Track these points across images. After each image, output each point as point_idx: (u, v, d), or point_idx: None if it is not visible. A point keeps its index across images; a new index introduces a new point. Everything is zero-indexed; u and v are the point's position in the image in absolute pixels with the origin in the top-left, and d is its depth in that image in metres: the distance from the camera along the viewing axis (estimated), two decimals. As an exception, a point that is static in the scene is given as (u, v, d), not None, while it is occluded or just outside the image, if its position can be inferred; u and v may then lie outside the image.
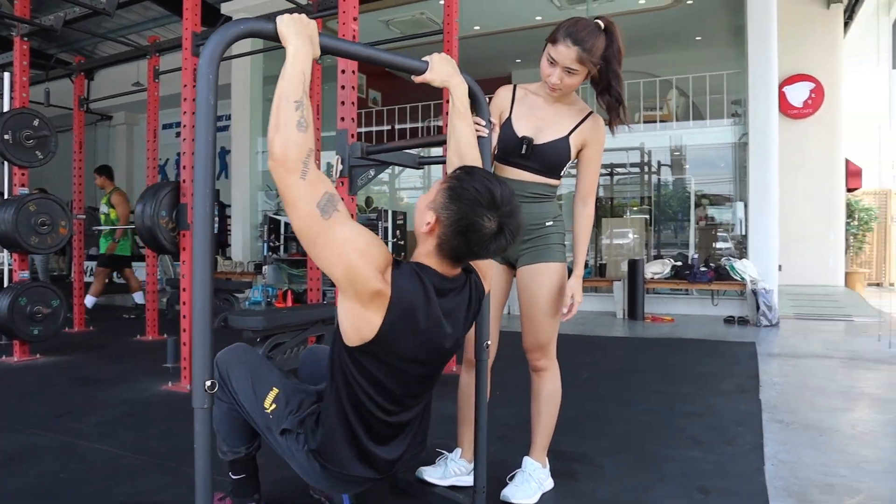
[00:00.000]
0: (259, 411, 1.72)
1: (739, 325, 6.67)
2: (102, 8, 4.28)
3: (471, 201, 1.47)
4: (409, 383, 1.59)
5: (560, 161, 2.14)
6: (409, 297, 1.47)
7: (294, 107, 1.35)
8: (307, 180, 1.35)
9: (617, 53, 2.02)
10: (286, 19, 1.43)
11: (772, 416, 3.15)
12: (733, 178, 8.98)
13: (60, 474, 2.37)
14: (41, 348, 4.79)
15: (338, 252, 1.38)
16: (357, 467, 1.62)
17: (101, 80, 11.90)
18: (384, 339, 1.47)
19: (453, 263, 1.55)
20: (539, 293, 2.14)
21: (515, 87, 2.21)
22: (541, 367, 2.21)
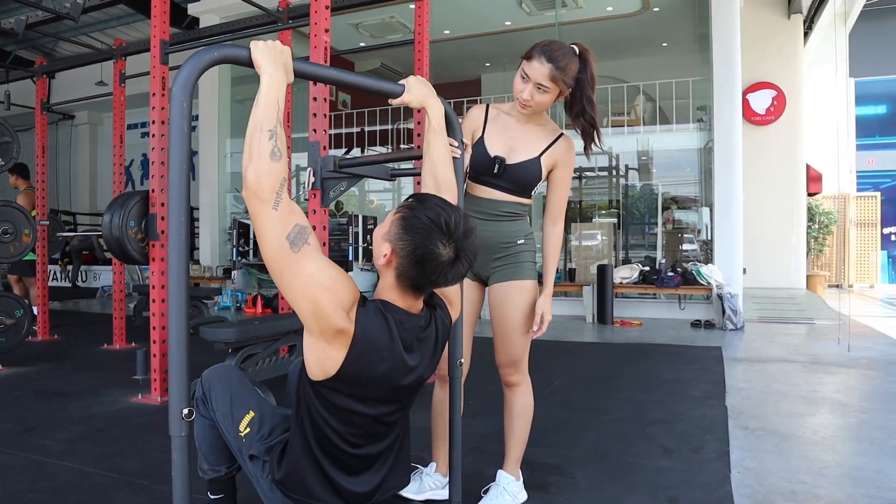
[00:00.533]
0: (234, 433, 1.72)
1: (706, 329, 6.81)
2: (67, 13, 4.20)
3: (424, 230, 1.48)
4: (374, 418, 1.59)
5: (531, 181, 2.17)
6: (373, 336, 1.47)
7: (268, 136, 1.35)
8: (279, 211, 1.35)
9: (590, 79, 2.07)
10: (261, 46, 1.43)
11: (737, 423, 3.23)
12: (699, 181, 9.17)
13: (28, 495, 2.32)
14: (5, 359, 4.65)
15: (302, 287, 1.39)
16: (327, 497, 1.60)
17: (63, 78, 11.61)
18: (346, 376, 1.48)
19: (415, 294, 1.56)
20: (511, 311, 2.17)
21: (488, 106, 2.24)
22: (513, 382, 2.24)
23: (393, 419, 1.65)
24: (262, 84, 1.41)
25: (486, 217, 2.16)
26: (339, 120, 10.78)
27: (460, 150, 1.99)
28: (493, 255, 2.18)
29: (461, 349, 1.99)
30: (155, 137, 3.65)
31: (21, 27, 4.38)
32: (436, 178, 1.84)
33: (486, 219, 2.16)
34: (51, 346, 5.66)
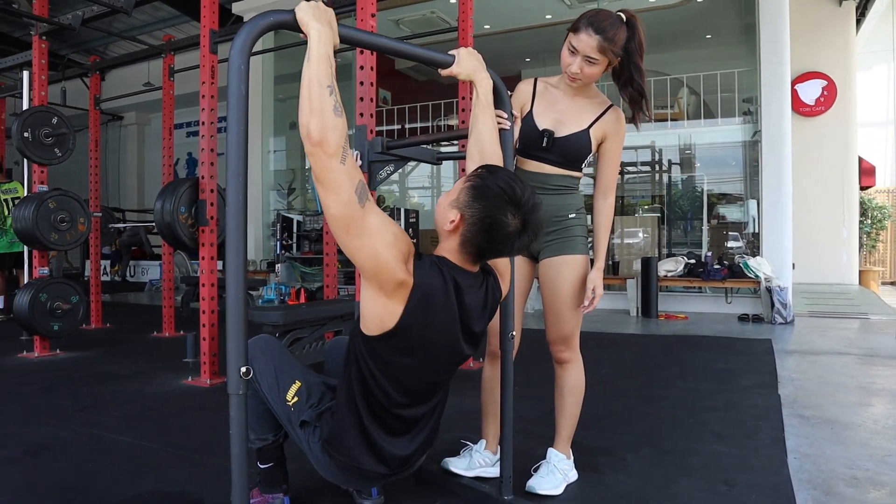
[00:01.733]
0: (281, 403, 1.74)
1: (754, 323, 6.64)
2: (121, 6, 4.31)
3: (495, 199, 1.50)
4: (424, 376, 1.60)
5: (581, 154, 2.15)
6: (430, 289, 1.49)
7: (328, 91, 1.34)
8: (346, 166, 1.35)
9: (638, 46, 2.02)
10: (304, 6, 1.42)
11: (792, 411, 3.14)
12: (744, 176, 8.96)
13: (88, 465, 2.39)
14: (61, 344, 4.82)
15: (367, 241, 1.40)
16: (367, 461, 1.63)
17: (112, 80, 11.97)
18: (404, 329, 1.49)
19: (475, 260, 1.58)
20: (562, 285, 2.14)
21: (536, 80, 2.21)
22: (564, 359, 2.21)
23: (441, 380, 1.66)
24: (310, 40, 1.38)
25: (536, 191, 2.14)
26: (380, 116, 10.82)
27: (510, 121, 1.97)
28: (545, 230, 2.14)
29: (513, 322, 1.98)
30: (205, 125, 3.72)
31: (78, 22, 4.51)
32: (482, 152, 1.83)
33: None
34: (103, 334, 5.84)
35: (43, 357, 4.60)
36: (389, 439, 1.64)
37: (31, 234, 4.35)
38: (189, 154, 14.23)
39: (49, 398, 3.44)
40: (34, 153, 4.53)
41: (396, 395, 1.58)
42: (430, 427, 1.73)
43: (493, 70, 1.92)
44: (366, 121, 3.14)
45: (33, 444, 2.62)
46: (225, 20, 10.04)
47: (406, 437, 1.67)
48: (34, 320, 4.44)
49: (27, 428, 2.87)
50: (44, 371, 4.16)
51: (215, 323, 3.69)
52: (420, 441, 1.70)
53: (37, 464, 2.41)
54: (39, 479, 2.25)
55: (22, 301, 4.41)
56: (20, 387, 3.72)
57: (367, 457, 1.62)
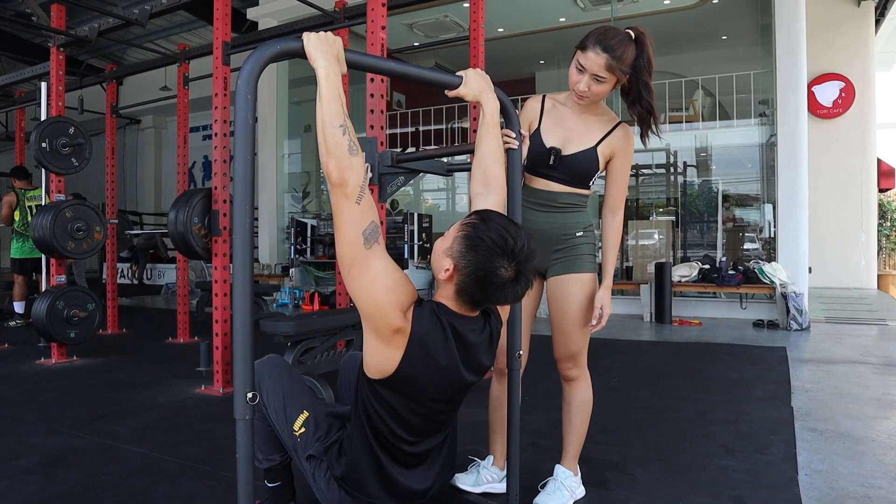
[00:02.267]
0: (288, 431, 1.76)
1: (769, 329, 6.58)
2: (135, 19, 4.37)
3: (487, 251, 1.49)
4: (428, 417, 1.62)
5: (588, 171, 2.14)
6: (428, 336, 1.51)
7: (341, 132, 1.39)
8: (360, 206, 1.40)
9: (647, 64, 2.02)
10: (313, 39, 1.45)
11: (805, 424, 3.11)
12: (761, 178, 8.87)
13: (101, 477, 2.43)
14: (78, 351, 4.90)
15: (368, 284, 1.44)
16: (382, 496, 1.64)
17: (130, 84, 12.11)
18: (403, 375, 1.52)
19: (472, 308, 1.59)
20: (570, 304, 2.14)
21: (544, 98, 2.22)
22: (572, 376, 2.21)
23: (445, 418, 1.68)
24: (319, 78, 1.44)
25: (544, 209, 2.15)
26: (394, 120, 10.88)
27: (518, 140, 1.98)
28: (552, 248, 2.15)
29: (520, 341, 1.98)
30: (217, 136, 3.76)
31: (94, 34, 4.58)
32: (485, 174, 1.84)
33: (544, 210, 2.15)
34: (119, 339, 5.91)
35: (60, 364, 4.67)
36: (404, 472, 1.65)
37: (49, 243, 4.42)
38: (205, 157, 14.35)
39: (65, 407, 3.50)
40: (51, 163, 4.60)
41: (402, 432, 1.61)
42: (444, 458, 1.74)
43: (506, 73, 1.93)
44: (376, 133, 3.16)
45: (49, 454, 2.67)
46: (240, 25, 10.13)
47: (420, 469, 1.69)
48: (51, 328, 4.51)
49: (43, 437, 2.92)
50: (60, 378, 4.23)
51: (228, 331, 3.73)
52: (435, 473, 1.72)
53: (51, 474, 2.45)
54: (53, 490, 2.29)
55: (39, 308, 4.48)
56: (37, 394, 3.78)
57: (382, 492, 1.64)
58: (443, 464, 1.74)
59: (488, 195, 1.80)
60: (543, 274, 2.22)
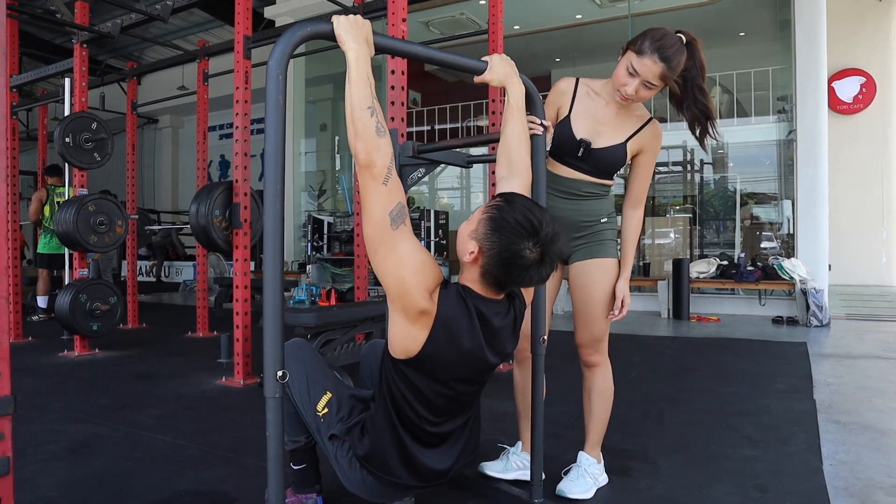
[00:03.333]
0: (311, 412, 1.78)
1: (788, 326, 6.53)
2: (158, 14, 4.41)
3: (512, 232, 1.49)
4: (452, 397, 1.63)
5: (615, 166, 2.13)
6: (454, 318, 1.52)
7: (368, 113, 1.40)
8: (388, 187, 1.41)
9: (700, 69, 1.99)
10: (343, 22, 1.46)
11: (828, 417, 3.09)
12: (779, 175, 8.80)
13: (126, 463, 2.46)
14: (100, 343, 4.96)
15: (394, 264, 1.44)
16: (403, 474, 1.65)
17: (147, 84, 12.25)
18: (428, 356, 1.52)
19: (497, 291, 1.59)
20: (594, 288, 2.14)
21: (578, 82, 2.16)
22: (593, 362, 2.21)
23: (468, 399, 1.69)
24: (349, 61, 1.44)
25: (567, 196, 2.15)
26: (410, 118, 10.91)
27: (542, 128, 1.98)
28: (574, 234, 2.15)
29: (543, 326, 1.98)
30: (238, 129, 3.79)
31: (117, 30, 4.63)
32: (509, 159, 1.84)
33: (567, 197, 2.15)
34: (140, 333, 5.97)
35: (83, 356, 4.72)
36: (426, 451, 1.66)
37: (72, 237, 4.48)
38: (222, 156, 14.46)
39: (89, 396, 3.54)
40: (75, 158, 4.66)
41: (425, 412, 1.61)
42: (466, 439, 1.74)
43: (522, 71, 1.93)
44: (397, 124, 3.17)
45: (75, 441, 2.71)
46: (257, 24, 10.21)
47: (441, 448, 1.69)
48: (74, 320, 4.57)
49: (69, 425, 2.96)
50: (84, 370, 4.28)
51: (248, 324, 3.76)
52: (457, 453, 1.72)
53: (79, 460, 2.48)
54: (81, 475, 2.32)
55: (63, 302, 4.54)
56: (62, 384, 3.83)
57: (404, 471, 1.65)
58: (465, 444, 1.74)
59: (512, 178, 1.79)
60: (565, 260, 2.21)
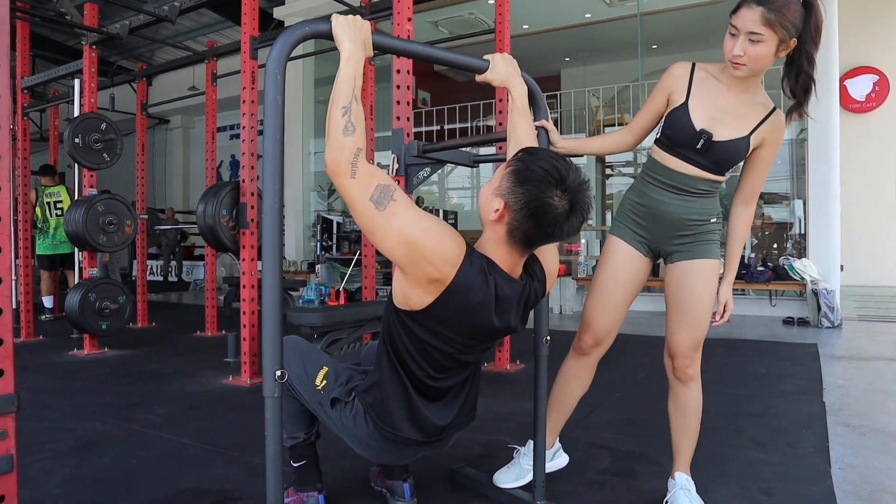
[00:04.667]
0: (311, 389, 1.78)
1: (799, 327, 6.47)
2: (165, 15, 4.43)
3: (538, 182, 1.44)
4: (452, 355, 1.60)
5: (735, 161, 1.91)
6: (469, 289, 1.47)
7: (341, 112, 1.40)
8: (357, 179, 1.40)
9: (815, 31, 1.76)
10: (341, 22, 1.47)
11: (837, 419, 3.05)
12: (790, 175, 8.72)
13: (131, 461, 2.47)
14: (109, 342, 4.99)
15: (396, 239, 1.41)
16: (406, 428, 1.64)
17: (158, 85, 12.33)
18: (430, 315, 1.50)
19: (523, 249, 1.53)
20: (702, 289, 1.96)
21: (695, 66, 1.95)
22: (690, 375, 2.04)
23: (469, 359, 1.67)
24: (341, 60, 1.45)
25: (676, 192, 1.95)
26: (419, 117, 10.91)
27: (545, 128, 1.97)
28: (678, 231, 1.97)
29: (546, 328, 1.97)
30: (245, 129, 3.80)
31: (125, 31, 4.65)
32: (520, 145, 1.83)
33: (676, 193, 1.95)
34: (149, 332, 6.01)
35: (92, 354, 4.76)
36: (427, 404, 1.65)
37: (81, 237, 4.51)
38: (232, 156, 14.53)
39: (97, 395, 3.56)
40: (84, 158, 4.69)
41: (426, 366, 1.60)
42: (465, 396, 1.73)
43: (531, 71, 1.91)
44: (402, 124, 3.17)
45: (82, 439, 2.73)
46: (266, 24, 10.24)
47: (441, 402, 1.69)
48: (84, 319, 4.60)
49: (76, 423, 2.98)
50: (93, 368, 4.31)
51: (255, 323, 3.77)
52: (455, 412, 1.71)
53: (84, 458, 2.50)
54: (86, 473, 2.34)
55: (72, 301, 4.57)
56: (70, 383, 3.86)
57: (407, 423, 1.64)
58: (464, 402, 1.73)
59: None
60: (657, 256, 2.07)
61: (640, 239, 2.04)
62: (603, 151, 2.24)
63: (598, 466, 2.42)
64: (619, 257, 2.06)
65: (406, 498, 2.00)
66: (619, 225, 2.09)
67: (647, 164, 2.02)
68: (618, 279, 2.06)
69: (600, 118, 9.83)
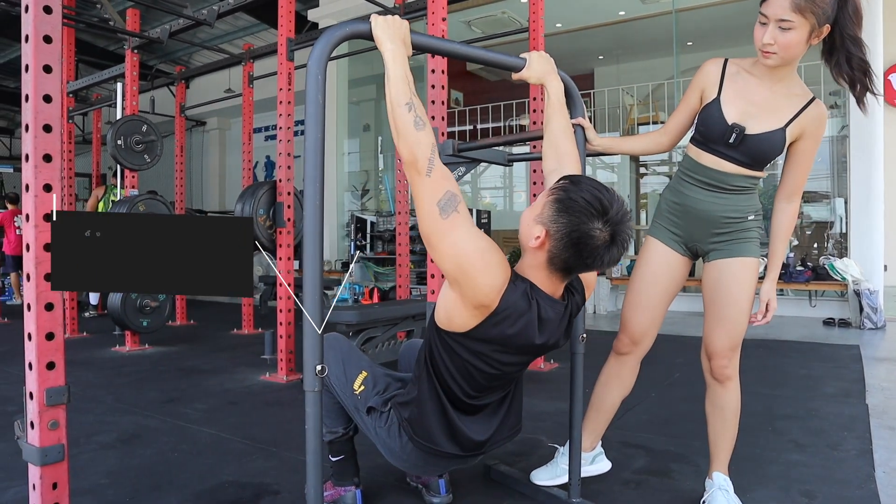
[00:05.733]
0: (349, 392, 1.81)
1: (840, 328, 6.32)
2: (204, 19, 4.53)
3: (580, 212, 1.44)
4: (493, 375, 1.62)
5: (770, 155, 1.87)
6: (515, 315, 1.49)
7: (406, 109, 1.42)
8: (432, 177, 1.41)
9: (854, 14, 1.70)
10: (380, 22, 1.50)
11: (881, 422, 2.98)
12: (831, 173, 8.51)
13: (173, 453, 2.53)
14: (149, 339, 5.12)
15: (449, 251, 1.43)
16: (444, 442, 1.65)
17: (196, 87, 12.55)
18: (473, 337, 1.52)
19: (563, 276, 1.55)
20: (740, 289, 1.93)
21: (727, 62, 1.93)
22: (727, 375, 2.01)
23: (510, 377, 1.68)
24: (386, 61, 1.48)
25: (711, 189, 1.93)
26: (452, 117, 10.93)
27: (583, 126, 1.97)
28: (715, 229, 1.94)
29: (582, 324, 1.97)
30: (282, 130, 3.86)
31: (166, 35, 4.77)
32: (557, 150, 1.84)
33: (711, 190, 1.93)
34: (188, 330, 6.14)
35: (133, 351, 4.89)
36: (465, 419, 1.67)
37: (124, 236, 4.62)
38: (267, 157, 14.71)
39: (139, 390, 3.66)
40: (126, 159, 4.82)
41: (465, 385, 1.62)
42: (506, 412, 1.74)
43: (564, 69, 1.92)
44: (437, 123, 3.19)
45: (125, 433, 2.80)
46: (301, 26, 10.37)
47: (479, 416, 1.70)
48: (125, 317, 4.73)
49: (120, 417, 3.07)
50: (134, 364, 4.42)
51: (291, 321, 3.83)
52: (496, 426, 1.72)
53: (128, 450, 2.57)
54: (131, 465, 2.41)
55: (114, 299, 4.70)
56: (113, 378, 3.97)
57: (444, 438, 1.65)
58: (505, 416, 1.74)
59: (562, 170, 1.77)
60: (695, 255, 2.05)
61: (677, 238, 2.03)
62: (638, 152, 2.23)
63: (633, 466, 2.40)
64: (655, 258, 2.05)
65: (441, 494, 2.01)
66: (656, 225, 2.08)
67: (683, 163, 2.01)
68: (653, 280, 2.05)
69: (634, 117, 9.73)
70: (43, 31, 1.48)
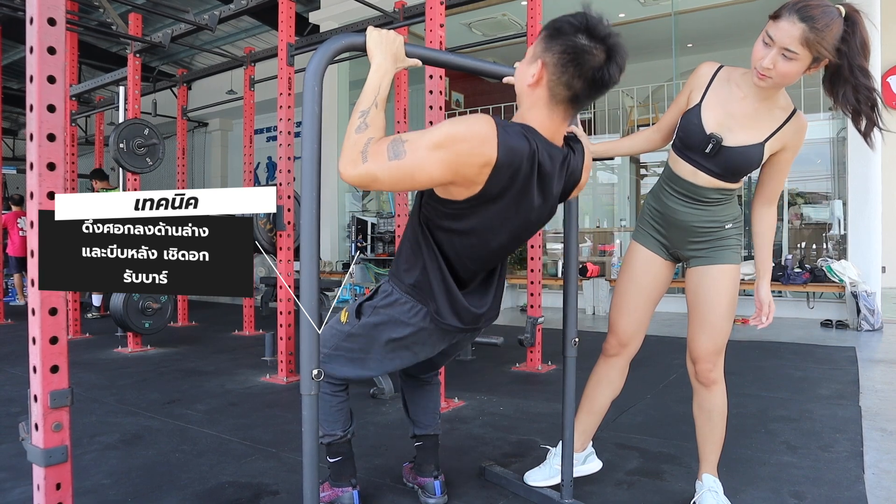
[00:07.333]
0: (339, 333, 1.83)
1: (838, 329, 6.35)
2: (205, 24, 4.57)
3: (570, 32, 1.44)
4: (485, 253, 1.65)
5: (746, 169, 1.87)
6: (515, 157, 1.46)
7: (358, 115, 1.47)
8: (369, 158, 1.40)
9: (861, 47, 1.69)
10: (374, 36, 1.55)
11: (873, 424, 3.01)
12: (831, 175, 8.54)
13: (175, 454, 2.58)
14: (151, 340, 5.17)
15: (430, 161, 1.41)
16: (446, 312, 1.67)
17: (198, 88, 12.60)
18: (480, 199, 1.51)
19: (566, 108, 1.51)
20: (720, 295, 1.96)
21: (720, 68, 1.91)
22: (712, 379, 2.01)
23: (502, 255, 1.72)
24: (370, 72, 1.53)
25: (687, 200, 1.96)
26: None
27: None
28: (693, 238, 1.99)
29: (575, 329, 2.01)
30: (282, 134, 3.90)
31: (167, 39, 4.82)
32: None
33: (686, 200, 1.96)
34: (189, 331, 6.19)
35: (135, 352, 4.93)
36: (462, 292, 1.70)
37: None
38: (269, 158, 14.76)
39: (141, 391, 3.70)
40: (128, 162, 4.86)
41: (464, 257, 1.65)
42: (494, 289, 1.79)
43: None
44: (434, 129, 3.22)
45: (127, 433, 2.85)
46: (302, 28, 10.42)
47: (471, 287, 1.73)
48: (127, 318, 4.77)
49: (122, 418, 3.11)
50: (136, 365, 4.47)
51: (292, 323, 3.87)
52: (489, 302, 1.76)
53: (130, 451, 2.61)
54: (133, 465, 2.45)
55: (116, 300, 4.75)
56: (115, 379, 4.02)
57: (447, 308, 1.67)
58: (495, 294, 1.79)
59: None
60: (675, 258, 2.09)
61: (659, 243, 2.07)
62: (634, 151, 2.27)
63: (626, 467, 2.44)
64: (639, 263, 2.10)
65: (437, 495, 2.06)
66: (640, 230, 2.13)
67: (664, 172, 2.05)
68: (637, 284, 2.09)
69: (634, 118, 9.76)
70: (47, 42, 1.52)
